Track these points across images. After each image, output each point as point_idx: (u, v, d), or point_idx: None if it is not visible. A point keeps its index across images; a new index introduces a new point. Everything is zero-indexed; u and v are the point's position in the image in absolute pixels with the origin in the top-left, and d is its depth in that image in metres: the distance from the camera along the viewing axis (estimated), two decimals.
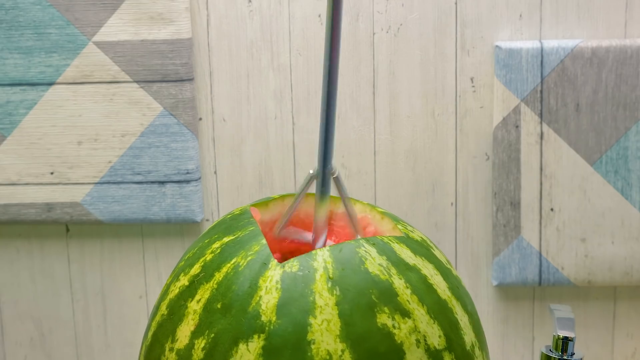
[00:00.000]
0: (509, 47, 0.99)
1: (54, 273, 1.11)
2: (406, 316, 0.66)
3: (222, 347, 0.65)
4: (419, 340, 0.65)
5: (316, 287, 0.66)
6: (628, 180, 1.01)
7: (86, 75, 1.03)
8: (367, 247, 0.68)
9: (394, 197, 1.05)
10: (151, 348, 0.71)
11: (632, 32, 1.00)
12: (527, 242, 1.03)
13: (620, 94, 0.99)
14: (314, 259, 0.67)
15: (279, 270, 0.67)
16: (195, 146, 1.04)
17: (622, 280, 1.03)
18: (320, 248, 0.71)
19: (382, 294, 0.66)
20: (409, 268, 0.68)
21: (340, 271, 0.66)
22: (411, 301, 0.66)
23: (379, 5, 1.01)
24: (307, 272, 0.66)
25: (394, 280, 0.67)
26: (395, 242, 0.70)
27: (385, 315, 0.65)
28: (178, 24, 1.01)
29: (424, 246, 0.72)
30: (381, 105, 1.03)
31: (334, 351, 0.64)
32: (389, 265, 0.67)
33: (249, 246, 0.70)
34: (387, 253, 0.68)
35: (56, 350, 1.12)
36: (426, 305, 0.67)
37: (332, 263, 0.67)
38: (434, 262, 0.71)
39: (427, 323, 0.66)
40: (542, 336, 1.07)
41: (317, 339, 0.64)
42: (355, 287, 0.66)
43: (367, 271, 0.67)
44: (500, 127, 1.01)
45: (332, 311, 0.65)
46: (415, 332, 0.65)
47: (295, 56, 1.03)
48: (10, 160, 1.05)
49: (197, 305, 0.68)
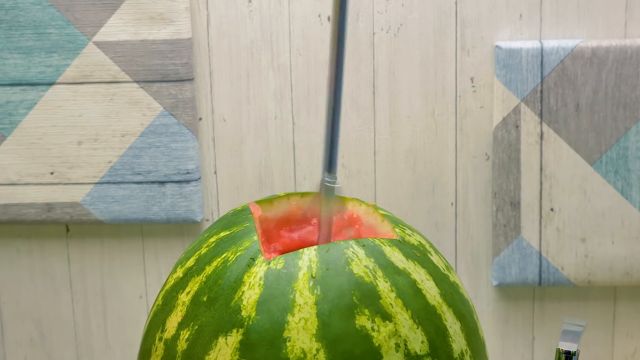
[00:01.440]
0: (509, 47, 0.99)
1: (54, 273, 1.11)
2: (387, 319, 0.65)
3: (204, 339, 0.66)
4: (398, 344, 0.65)
5: (298, 285, 0.66)
6: (628, 180, 1.01)
7: (86, 75, 1.03)
8: (356, 249, 0.68)
9: (394, 197, 1.05)
10: (145, 337, 0.72)
11: (632, 32, 1.00)
12: (527, 242, 1.03)
13: (620, 94, 0.99)
14: (300, 258, 0.67)
15: (264, 267, 0.67)
16: (195, 146, 1.04)
17: (622, 280, 1.03)
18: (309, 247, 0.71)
19: (364, 296, 0.65)
20: (397, 272, 0.68)
21: (324, 271, 0.66)
22: (394, 305, 0.66)
23: (379, 5, 1.01)
24: (291, 270, 0.67)
25: (378, 283, 0.66)
26: (387, 244, 0.70)
27: (365, 318, 0.65)
28: (178, 24, 1.01)
29: (420, 250, 0.72)
30: (381, 105, 1.03)
31: (309, 350, 0.64)
32: (376, 268, 0.67)
33: (241, 242, 0.70)
34: (376, 255, 0.68)
35: (56, 350, 1.12)
36: (411, 309, 0.66)
37: (317, 262, 0.67)
38: (427, 267, 0.70)
39: (409, 328, 0.66)
40: (542, 336, 1.07)
41: (292, 337, 0.64)
42: (338, 287, 0.65)
43: (352, 272, 0.66)
44: (500, 127, 1.01)
45: (310, 310, 0.65)
46: (395, 336, 0.65)
47: (295, 56, 1.03)
48: (10, 160, 1.05)
49: (186, 297, 0.69)
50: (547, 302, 1.07)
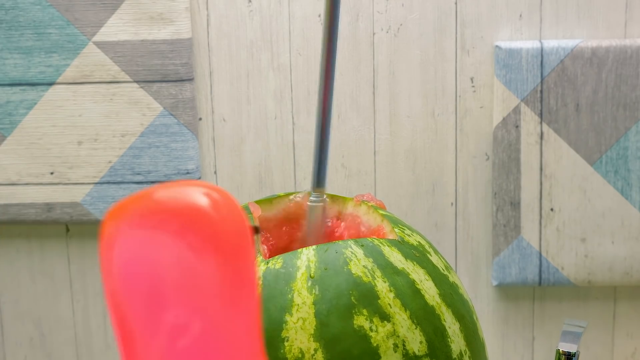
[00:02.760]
0: (509, 47, 0.99)
1: (54, 273, 1.11)
2: (385, 320, 0.65)
3: None
4: (396, 344, 0.65)
5: (296, 285, 0.66)
6: (628, 180, 1.01)
7: (86, 75, 1.03)
8: (355, 249, 0.68)
9: (394, 197, 1.05)
10: None
11: (632, 32, 1.00)
12: (527, 242, 1.03)
13: (620, 94, 0.99)
14: (299, 257, 0.67)
15: (262, 267, 0.67)
16: (195, 146, 1.04)
17: (622, 280, 1.03)
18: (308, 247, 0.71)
19: (363, 296, 0.65)
20: (396, 272, 0.67)
21: (323, 271, 0.66)
22: (393, 305, 0.66)
23: (379, 5, 1.01)
24: (289, 269, 0.66)
25: (376, 283, 0.66)
26: (386, 245, 0.69)
27: (363, 318, 0.64)
28: (178, 24, 1.01)
29: (420, 251, 0.71)
30: (381, 105, 1.03)
31: (307, 350, 0.64)
32: (374, 268, 0.67)
33: None
34: (375, 255, 0.68)
35: (56, 350, 1.12)
36: (409, 310, 0.66)
37: (316, 262, 0.67)
38: (426, 268, 0.70)
39: (407, 328, 0.65)
40: (542, 336, 1.07)
41: (291, 337, 0.64)
42: (336, 287, 0.65)
43: (350, 272, 0.66)
44: (500, 127, 1.01)
45: (308, 310, 0.65)
46: (393, 336, 0.65)
47: (295, 56, 1.03)
48: (10, 160, 1.05)
49: None
50: (547, 302, 1.07)
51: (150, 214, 0.43)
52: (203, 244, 0.42)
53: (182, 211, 0.43)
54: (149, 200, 0.44)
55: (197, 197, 0.43)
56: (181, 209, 0.43)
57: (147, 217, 0.43)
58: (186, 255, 0.43)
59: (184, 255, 0.43)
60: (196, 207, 0.43)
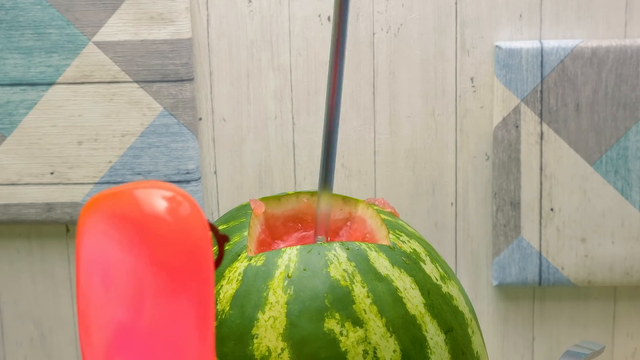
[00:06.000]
0: (509, 47, 0.99)
1: (54, 273, 1.11)
2: (358, 325, 0.64)
3: None
4: (367, 351, 0.64)
5: (272, 283, 0.65)
6: (628, 180, 1.01)
7: (86, 75, 1.03)
8: (338, 251, 0.67)
9: (394, 197, 1.05)
10: None
11: (632, 32, 1.00)
12: (527, 242, 1.03)
13: (620, 94, 0.99)
14: (280, 256, 0.67)
15: (245, 263, 0.67)
16: (195, 146, 1.04)
17: (622, 280, 1.03)
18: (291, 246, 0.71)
19: (337, 300, 0.64)
20: (379, 278, 0.66)
21: (301, 271, 0.66)
22: (368, 311, 0.65)
23: (379, 5, 1.01)
24: (269, 267, 0.66)
25: (354, 288, 0.65)
26: (373, 250, 0.68)
27: (334, 321, 0.64)
28: (178, 24, 1.01)
29: (412, 259, 0.70)
30: (381, 105, 1.03)
31: (274, 349, 0.63)
32: (355, 272, 0.66)
33: (232, 236, 0.70)
34: (358, 260, 0.67)
35: (56, 350, 1.12)
36: (385, 317, 0.65)
37: (296, 262, 0.66)
38: (415, 276, 0.68)
39: (381, 335, 0.64)
40: (542, 336, 1.08)
41: (260, 334, 0.64)
42: (312, 289, 0.65)
43: (328, 275, 0.65)
44: (500, 127, 1.01)
45: (280, 309, 0.64)
46: (364, 342, 0.64)
47: (295, 56, 1.03)
48: (10, 160, 1.05)
49: None
50: (547, 302, 1.07)
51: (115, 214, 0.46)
52: (150, 252, 0.45)
53: (139, 218, 0.45)
54: (123, 198, 0.46)
55: (154, 201, 0.45)
56: (138, 215, 0.45)
57: (113, 216, 0.45)
58: (131, 258, 0.45)
59: (129, 258, 0.45)
60: (151, 213, 0.45)
